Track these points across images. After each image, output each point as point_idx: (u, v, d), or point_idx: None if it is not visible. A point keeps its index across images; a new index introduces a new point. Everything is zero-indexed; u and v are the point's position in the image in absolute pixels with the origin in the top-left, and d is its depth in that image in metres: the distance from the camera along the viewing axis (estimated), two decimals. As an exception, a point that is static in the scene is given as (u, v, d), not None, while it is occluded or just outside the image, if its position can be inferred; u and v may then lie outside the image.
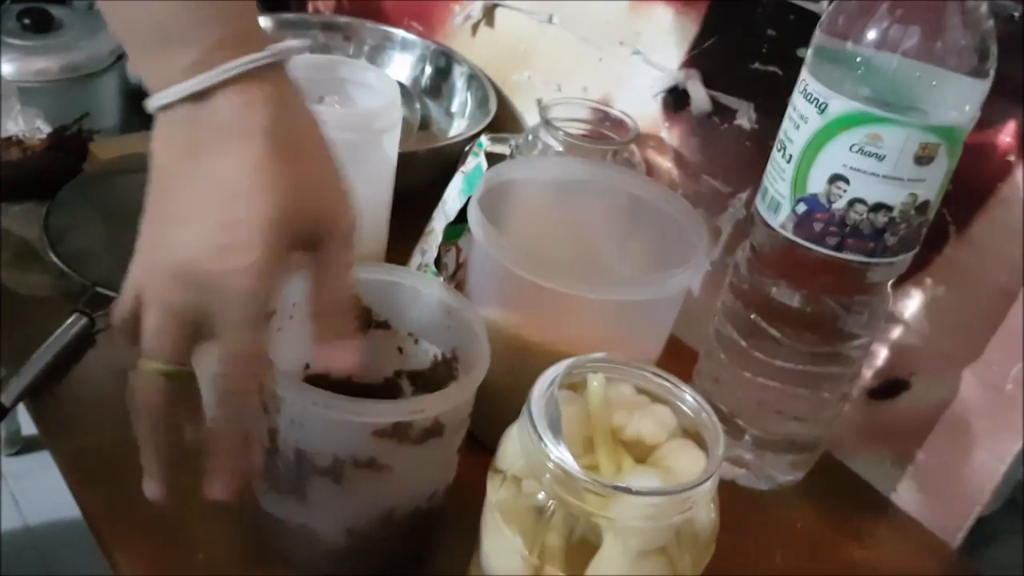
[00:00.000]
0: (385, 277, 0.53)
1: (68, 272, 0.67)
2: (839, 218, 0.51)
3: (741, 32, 0.67)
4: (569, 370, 0.44)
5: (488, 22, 0.87)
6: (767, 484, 0.62)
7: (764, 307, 0.57)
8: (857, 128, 0.49)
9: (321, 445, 0.46)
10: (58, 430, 0.59)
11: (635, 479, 0.41)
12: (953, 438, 0.61)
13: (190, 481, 0.56)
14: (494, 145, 0.71)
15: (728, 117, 0.69)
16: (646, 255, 0.63)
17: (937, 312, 0.61)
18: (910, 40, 0.48)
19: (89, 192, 0.74)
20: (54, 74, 1.31)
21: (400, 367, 0.56)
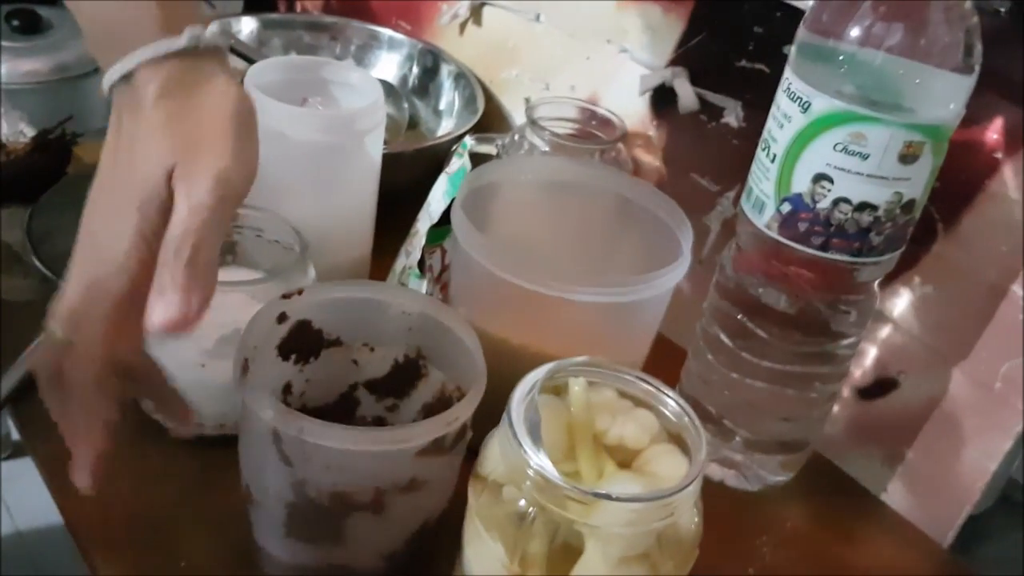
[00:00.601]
0: (331, 295, 0.52)
1: (51, 276, 0.66)
2: (824, 218, 0.51)
3: (728, 30, 0.67)
4: (550, 374, 0.43)
5: (476, 20, 0.86)
6: (757, 485, 0.62)
7: (751, 307, 0.57)
8: (841, 127, 0.49)
9: (362, 482, 0.45)
10: (39, 434, 0.58)
11: (616, 485, 0.40)
12: (943, 437, 0.60)
13: (171, 487, 0.56)
14: (480, 145, 0.71)
15: (715, 115, 0.69)
16: (633, 255, 0.63)
17: (926, 310, 0.60)
18: (894, 37, 0.48)
19: (73, 195, 0.73)
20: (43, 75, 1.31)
21: (356, 379, 0.55)
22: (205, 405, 0.56)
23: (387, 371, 0.55)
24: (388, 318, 0.53)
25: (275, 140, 0.60)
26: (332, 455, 0.44)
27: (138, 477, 0.56)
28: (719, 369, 0.59)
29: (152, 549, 0.52)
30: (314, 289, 0.51)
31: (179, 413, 0.48)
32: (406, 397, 0.55)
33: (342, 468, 0.44)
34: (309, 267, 0.58)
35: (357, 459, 0.44)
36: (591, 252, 0.64)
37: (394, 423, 0.56)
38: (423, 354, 0.54)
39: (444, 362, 0.53)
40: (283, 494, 0.46)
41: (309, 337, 0.52)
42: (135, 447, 0.57)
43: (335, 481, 0.45)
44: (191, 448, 0.57)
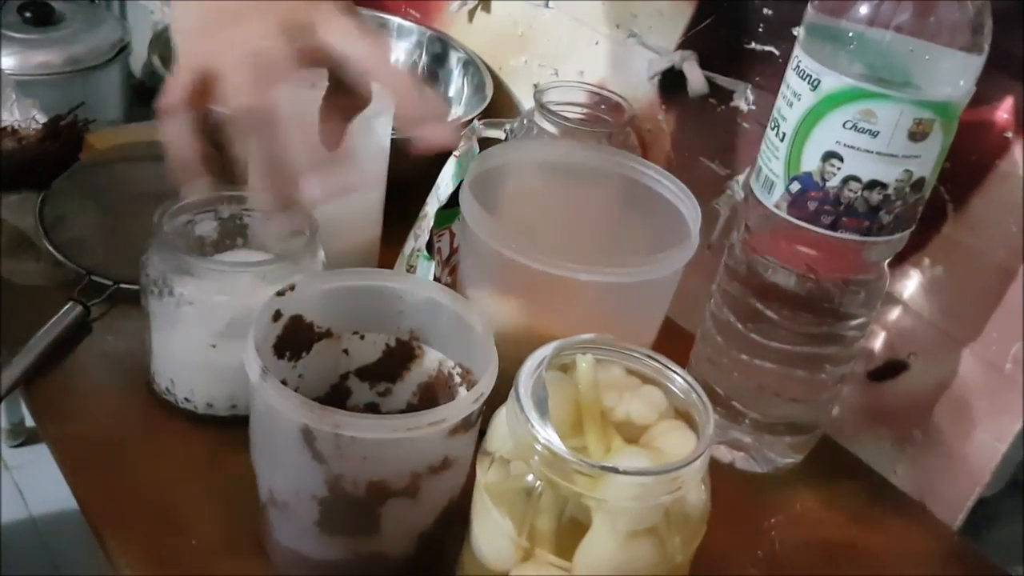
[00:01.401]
0: (322, 287, 0.52)
1: (63, 260, 0.67)
2: (833, 196, 0.51)
3: (736, 12, 0.67)
4: (558, 351, 0.43)
5: (484, 8, 0.86)
6: (766, 467, 0.62)
7: (760, 288, 0.57)
8: (850, 104, 0.49)
9: (399, 468, 0.45)
10: (52, 417, 0.59)
11: (624, 459, 0.40)
12: (953, 419, 0.60)
13: (182, 467, 0.56)
14: (489, 130, 0.71)
15: (725, 98, 0.69)
16: (642, 238, 0.62)
17: (936, 292, 0.60)
18: (903, 15, 0.48)
19: (84, 181, 0.74)
20: (55, 67, 1.32)
21: (347, 368, 0.55)
22: (216, 386, 0.57)
23: (378, 357, 0.55)
24: (378, 305, 0.53)
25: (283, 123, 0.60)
26: (368, 446, 0.44)
27: (149, 457, 0.56)
28: (728, 351, 0.59)
29: (164, 528, 0.52)
30: (305, 282, 0.51)
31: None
32: (399, 380, 0.56)
33: (379, 458, 0.44)
34: (319, 250, 0.58)
35: (394, 446, 0.44)
36: (599, 235, 0.64)
37: (388, 407, 0.56)
38: (416, 335, 0.54)
39: (443, 342, 0.54)
40: (316, 492, 0.46)
41: (301, 332, 0.52)
42: (146, 428, 0.58)
43: (372, 472, 0.45)
44: (201, 428, 0.58)
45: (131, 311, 0.63)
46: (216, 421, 0.58)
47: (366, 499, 0.46)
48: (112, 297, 0.65)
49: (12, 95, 0.78)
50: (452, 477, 0.48)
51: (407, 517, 0.47)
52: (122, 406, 0.59)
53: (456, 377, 0.54)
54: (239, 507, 0.52)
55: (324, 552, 0.49)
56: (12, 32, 1.32)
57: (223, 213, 0.60)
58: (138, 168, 0.78)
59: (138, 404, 0.59)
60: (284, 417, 0.44)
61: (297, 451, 0.45)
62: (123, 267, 0.65)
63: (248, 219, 0.61)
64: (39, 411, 0.59)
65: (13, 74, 1.24)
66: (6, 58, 1.29)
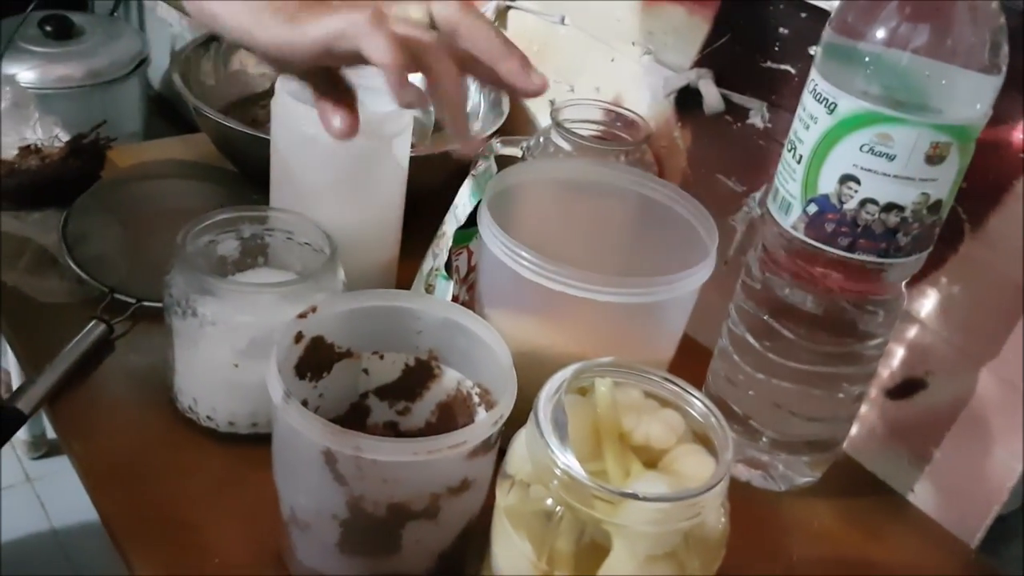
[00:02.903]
0: (343, 308, 0.52)
1: (86, 278, 0.68)
2: (851, 218, 0.51)
3: (753, 31, 0.67)
4: (576, 374, 0.44)
5: (501, 23, 0.87)
6: (784, 485, 0.62)
7: (777, 308, 0.57)
8: (867, 128, 0.49)
9: (419, 490, 0.46)
10: (76, 434, 0.59)
11: (643, 485, 0.41)
12: (970, 436, 0.60)
13: (205, 484, 0.57)
14: (505, 147, 0.71)
15: (741, 116, 0.69)
16: (659, 256, 0.63)
17: (953, 310, 0.60)
18: (920, 38, 0.48)
19: (107, 199, 0.75)
20: (75, 81, 1.34)
21: (366, 388, 0.56)
22: (238, 404, 0.57)
23: (397, 376, 0.56)
24: (398, 325, 0.54)
25: (305, 144, 0.61)
26: (389, 468, 0.44)
27: (172, 474, 0.57)
28: (745, 369, 0.59)
29: (186, 546, 0.53)
30: (327, 304, 0.52)
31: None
32: (418, 399, 0.56)
33: (399, 480, 0.45)
34: (338, 269, 0.59)
35: (414, 469, 0.45)
36: (616, 253, 0.64)
37: (407, 426, 0.57)
38: (435, 355, 0.55)
39: (462, 361, 0.54)
40: (338, 513, 0.46)
41: (322, 352, 0.53)
42: (169, 443, 0.59)
43: (392, 493, 0.45)
44: (223, 445, 0.58)
45: (153, 328, 0.64)
46: (237, 439, 0.58)
47: (387, 520, 0.46)
48: (135, 314, 0.66)
49: (35, 113, 0.79)
50: (471, 498, 0.48)
51: (427, 537, 0.48)
52: (145, 423, 0.60)
53: (475, 397, 0.54)
54: (261, 525, 0.53)
55: (345, 572, 0.49)
56: (32, 46, 1.34)
57: (244, 233, 0.61)
58: (159, 185, 0.79)
59: (161, 421, 0.60)
60: (306, 439, 0.45)
61: (319, 472, 0.46)
62: (145, 284, 0.66)
63: (268, 238, 0.62)
64: (63, 428, 0.60)
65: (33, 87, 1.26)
66: (26, 71, 1.31)
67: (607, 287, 0.53)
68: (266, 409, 0.57)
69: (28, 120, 0.79)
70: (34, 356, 0.63)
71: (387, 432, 0.57)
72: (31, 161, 0.74)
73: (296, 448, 0.47)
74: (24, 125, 0.78)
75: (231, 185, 0.79)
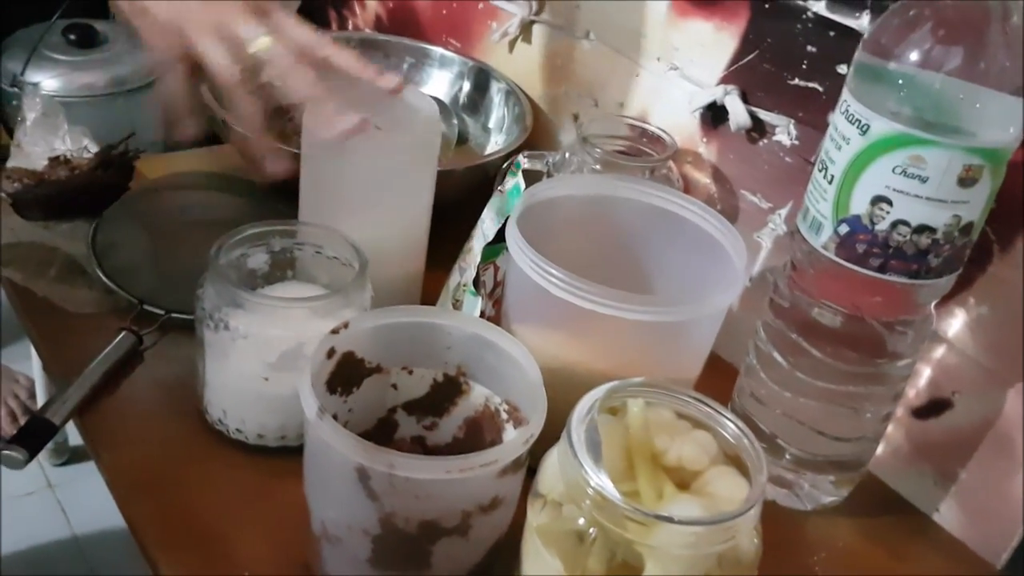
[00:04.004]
0: (374, 323, 0.53)
1: (115, 289, 0.68)
2: (882, 239, 0.51)
3: (780, 48, 0.67)
4: (608, 394, 0.44)
5: (525, 38, 0.87)
6: (809, 504, 0.62)
7: (805, 326, 0.57)
8: (899, 150, 0.49)
9: (451, 507, 0.46)
10: (105, 444, 0.60)
11: (677, 507, 0.41)
12: (997, 457, 0.60)
13: (234, 496, 0.57)
14: (531, 162, 0.72)
15: (767, 133, 0.69)
16: (685, 273, 0.63)
17: (980, 330, 0.60)
18: (953, 60, 0.48)
19: (135, 210, 0.76)
20: (99, 88, 1.35)
21: (395, 402, 0.56)
22: (267, 417, 0.58)
23: (425, 391, 0.56)
24: (427, 340, 0.54)
25: (335, 159, 0.62)
26: (421, 486, 0.45)
27: (201, 486, 0.57)
28: (772, 387, 0.59)
29: (216, 558, 0.53)
30: (359, 319, 0.52)
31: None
32: (446, 414, 0.57)
33: (431, 496, 0.45)
34: (367, 283, 0.59)
35: (446, 486, 0.45)
36: (643, 269, 0.65)
37: (434, 441, 0.57)
38: (463, 371, 0.55)
39: (490, 377, 0.55)
40: (369, 528, 0.46)
41: (353, 368, 0.54)
42: (197, 455, 0.59)
43: (424, 510, 0.46)
44: (252, 457, 0.59)
45: (181, 339, 0.65)
46: (266, 451, 0.59)
47: (418, 536, 0.47)
48: (163, 326, 0.66)
49: (64, 124, 0.80)
50: (501, 515, 0.49)
51: (457, 554, 0.48)
52: (173, 434, 0.60)
53: (503, 413, 0.54)
54: (289, 538, 0.53)
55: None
56: (57, 54, 1.35)
57: (275, 246, 0.61)
58: (187, 196, 0.80)
59: (189, 433, 0.60)
60: (339, 455, 0.45)
61: (351, 488, 0.46)
62: (174, 295, 0.67)
63: (298, 252, 0.62)
64: (93, 439, 0.60)
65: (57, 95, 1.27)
66: (51, 80, 1.32)
67: (637, 305, 0.53)
68: (295, 422, 0.57)
69: (57, 131, 0.79)
70: (62, 366, 0.63)
71: (414, 447, 0.57)
72: (60, 172, 0.75)
73: (329, 463, 0.47)
74: (53, 135, 0.79)
75: (257, 196, 0.79)
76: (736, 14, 0.69)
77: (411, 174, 0.64)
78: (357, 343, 0.53)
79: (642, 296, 0.54)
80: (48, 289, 0.69)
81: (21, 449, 0.57)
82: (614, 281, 0.54)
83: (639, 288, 0.64)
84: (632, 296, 0.53)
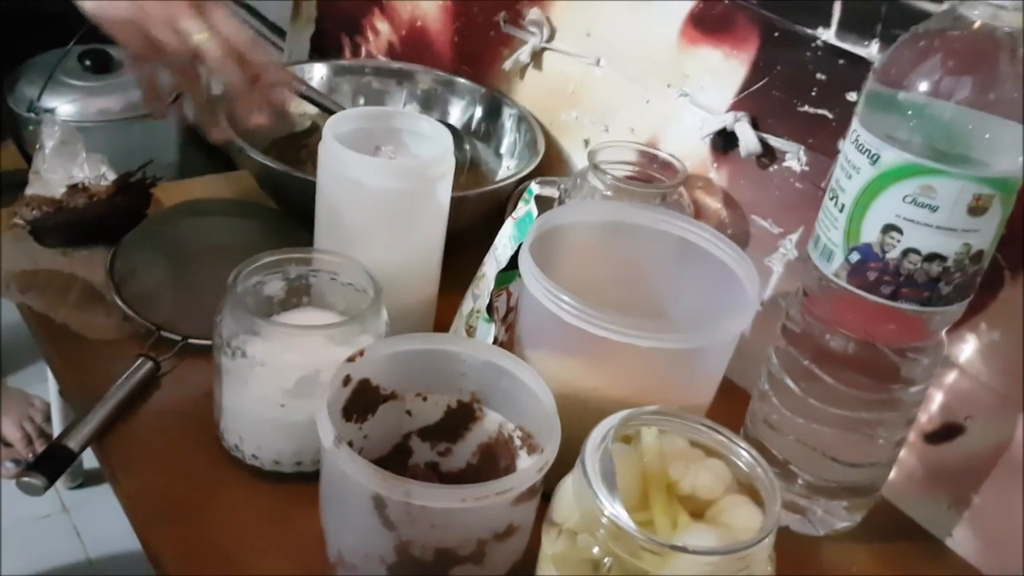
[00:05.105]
0: (389, 351, 0.54)
1: (133, 315, 0.69)
2: (893, 267, 0.51)
3: (790, 76, 0.68)
4: (622, 423, 0.44)
5: (536, 65, 0.88)
6: (823, 529, 0.62)
7: (817, 352, 0.57)
8: (910, 179, 0.49)
9: (466, 535, 0.47)
10: (123, 471, 0.60)
11: (691, 537, 0.41)
12: (1010, 482, 0.60)
13: (251, 522, 0.57)
14: (542, 188, 0.72)
15: (778, 158, 0.70)
16: (697, 298, 0.63)
17: (993, 356, 0.60)
18: (963, 90, 0.49)
19: (153, 236, 0.77)
20: (114, 114, 1.36)
21: (410, 428, 0.57)
22: (283, 443, 0.58)
23: (440, 418, 0.57)
24: (441, 367, 0.55)
25: (350, 188, 0.63)
26: (438, 514, 0.45)
27: (219, 512, 0.58)
28: (784, 413, 0.60)
29: (233, 583, 0.54)
30: (374, 347, 0.53)
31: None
32: (460, 440, 0.57)
33: (447, 524, 0.46)
34: (382, 310, 0.60)
35: (462, 514, 0.45)
36: (655, 295, 0.65)
37: (448, 467, 0.57)
38: (477, 397, 0.55)
39: (504, 404, 0.55)
40: (385, 556, 0.47)
41: (368, 395, 0.54)
42: (215, 481, 0.60)
43: (440, 538, 0.46)
44: (268, 483, 0.59)
45: (199, 365, 0.65)
46: (282, 477, 0.59)
47: (433, 564, 0.47)
48: (180, 351, 0.67)
49: (82, 152, 0.81)
50: (516, 542, 0.49)
51: None
52: (191, 461, 0.61)
53: (516, 439, 0.55)
54: (305, 565, 0.54)
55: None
56: (73, 80, 1.37)
57: (291, 273, 0.62)
58: (204, 222, 0.81)
59: (206, 459, 0.61)
60: (355, 483, 0.46)
61: (367, 516, 0.46)
62: (191, 321, 0.67)
63: (313, 279, 0.63)
64: (111, 465, 0.61)
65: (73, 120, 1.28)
66: (67, 105, 1.34)
67: (648, 332, 0.54)
68: (311, 448, 0.58)
69: (75, 158, 0.80)
70: (81, 392, 0.64)
71: (429, 473, 0.57)
72: (79, 199, 0.76)
73: (345, 491, 0.48)
74: (71, 163, 0.80)
75: (272, 221, 0.80)
76: (746, 41, 0.70)
77: (424, 202, 0.64)
78: (372, 371, 0.53)
79: (653, 323, 0.54)
80: (67, 316, 0.70)
81: (40, 476, 0.58)
82: (627, 307, 0.55)
83: (652, 314, 0.65)
84: (644, 323, 0.54)
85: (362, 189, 0.61)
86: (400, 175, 0.63)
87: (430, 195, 0.64)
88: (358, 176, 0.61)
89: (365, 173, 0.61)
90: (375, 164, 0.63)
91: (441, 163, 0.64)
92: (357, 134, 0.65)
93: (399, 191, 0.63)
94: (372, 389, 0.54)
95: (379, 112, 0.70)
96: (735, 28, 0.71)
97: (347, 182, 0.62)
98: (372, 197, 0.62)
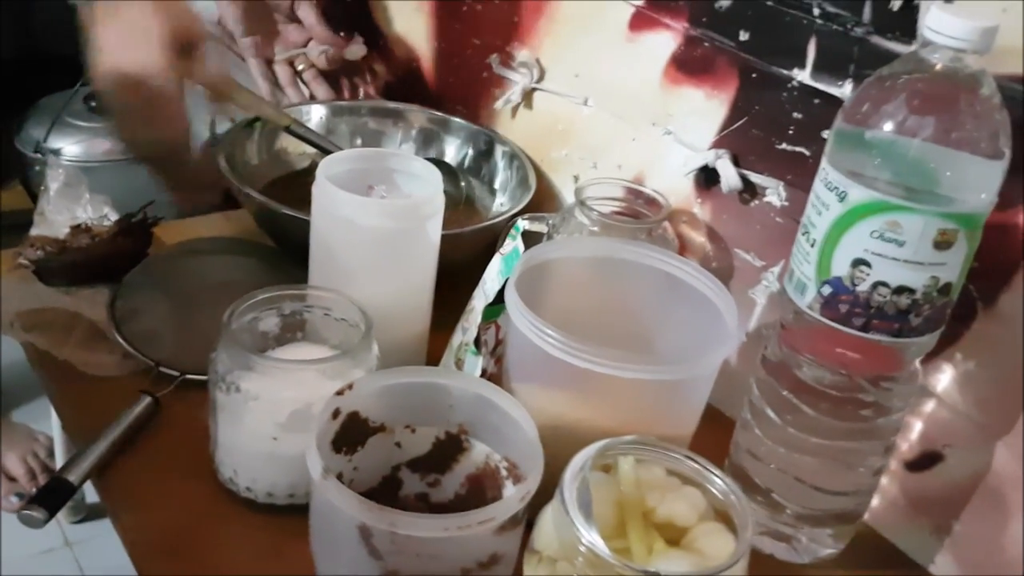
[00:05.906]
0: (378, 385, 0.55)
1: (133, 353, 0.71)
2: (863, 300, 0.53)
3: (768, 114, 0.70)
4: (600, 452, 0.46)
5: (527, 105, 0.91)
6: (807, 557, 0.63)
7: (796, 383, 0.59)
8: (876, 215, 0.51)
9: (451, 565, 0.48)
10: (123, 505, 0.62)
11: (666, 563, 0.42)
12: (991, 509, 0.61)
13: (246, 555, 0.59)
14: (531, 224, 0.74)
15: (758, 194, 0.72)
16: (681, 331, 0.65)
17: (969, 385, 0.61)
18: (926, 129, 0.51)
19: (154, 275, 0.79)
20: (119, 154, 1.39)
21: (399, 460, 0.58)
22: (277, 476, 0.60)
23: (428, 449, 0.58)
24: (430, 399, 0.56)
25: (344, 226, 0.65)
26: (422, 543, 0.46)
27: (215, 545, 0.59)
28: (766, 443, 0.61)
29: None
30: (363, 381, 0.55)
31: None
32: (448, 472, 0.59)
33: (432, 554, 0.47)
34: (373, 344, 0.61)
35: (446, 544, 0.47)
36: (640, 328, 0.67)
37: (437, 498, 0.59)
38: (465, 429, 0.57)
39: (491, 435, 0.57)
40: None
41: (358, 428, 0.56)
42: (212, 514, 0.61)
43: (425, 567, 0.47)
44: (262, 516, 0.61)
45: (196, 399, 0.67)
46: (275, 509, 0.61)
47: None
48: (180, 387, 0.69)
49: (86, 193, 0.83)
50: (500, 570, 0.50)
51: None
52: (189, 495, 0.62)
53: (502, 470, 0.56)
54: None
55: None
56: (79, 121, 1.40)
57: (285, 309, 0.64)
58: (204, 261, 0.83)
59: (204, 493, 0.62)
60: (343, 514, 0.47)
61: (355, 546, 0.48)
62: (190, 357, 0.69)
63: (307, 314, 0.65)
64: (111, 500, 0.62)
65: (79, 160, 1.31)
66: (72, 146, 1.37)
67: (633, 364, 0.55)
68: (303, 481, 0.59)
69: (79, 199, 0.83)
70: (82, 428, 0.66)
71: (418, 504, 0.59)
72: (82, 240, 0.78)
73: (333, 522, 0.49)
74: (75, 204, 0.83)
75: (270, 259, 0.82)
76: (725, 82, 0.73)
77: (415, 239, 0.67)
78: (362, 403, 0.55)
79: (636, 355, 0.56)
80: (70, 354, 0.72)
81: (41, 509, 0.59)
82: (615, 340, 0.56)
83: (639, 347, 0.66)
84: (626, 355, 0.55)
85: (355, 227, 0.64)
86: (392, 214, 0.65)
87: (421, 233, 0.66)
88: (351, 215, 0.63)
89: (357, 212, 0.64)
90: (367, 203, 0.65)
91: (432, 202, 0.66)
92: (350, 174, 0.67)
93: (391, 229, 0.65)
94: (361, 422, 0.56)
95: (371, 153, 0.73)
96: (715, 69, 0.73)
97: (340, 221, 0.64)
98: (364, 235, 0.64)
